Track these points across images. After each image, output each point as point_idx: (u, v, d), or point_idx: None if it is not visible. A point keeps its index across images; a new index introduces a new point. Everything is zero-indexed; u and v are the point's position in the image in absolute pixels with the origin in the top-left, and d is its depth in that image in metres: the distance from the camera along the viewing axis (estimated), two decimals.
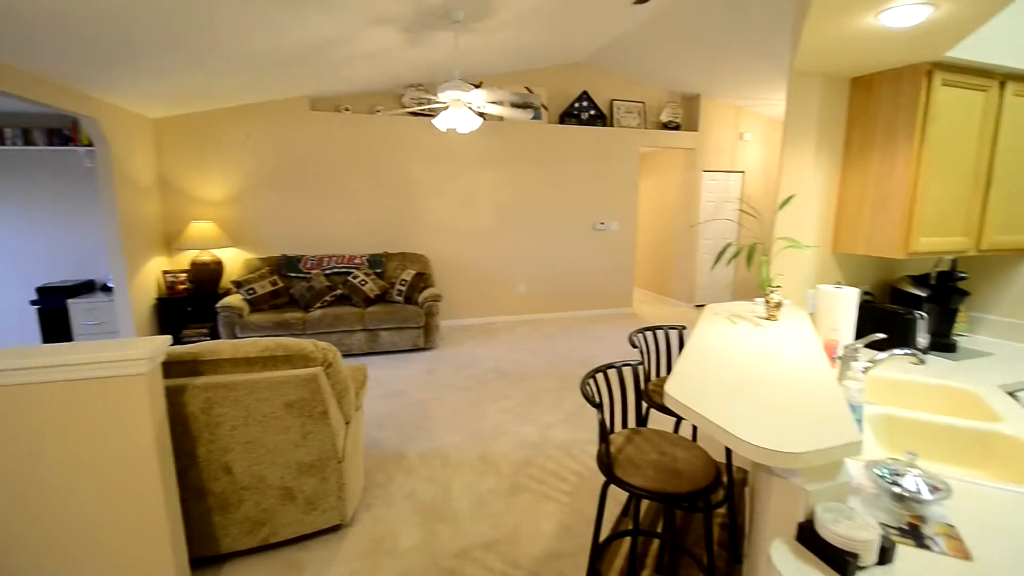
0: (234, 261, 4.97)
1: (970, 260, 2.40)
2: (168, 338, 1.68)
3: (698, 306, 6.87)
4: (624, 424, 1.85)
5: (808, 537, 0.93)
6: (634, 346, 2.13)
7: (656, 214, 7.41)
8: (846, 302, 1.83)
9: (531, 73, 5.85)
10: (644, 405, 2.58)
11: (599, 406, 1.55)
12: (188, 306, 4.59)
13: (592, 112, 6.10)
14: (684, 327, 2.35)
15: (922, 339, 1.99)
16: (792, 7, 3.47)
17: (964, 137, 1.99)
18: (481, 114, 5.49)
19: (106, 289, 4.68)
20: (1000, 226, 2.13)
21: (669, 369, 2.06)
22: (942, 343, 2.10)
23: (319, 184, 5.22)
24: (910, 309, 2.00)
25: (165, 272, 4.71)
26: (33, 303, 4.44)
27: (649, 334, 2.32)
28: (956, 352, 2.09)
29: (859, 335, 1.88)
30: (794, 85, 2.18)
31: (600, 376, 1.77)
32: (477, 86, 5.56)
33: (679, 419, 2.41)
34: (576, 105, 6.02)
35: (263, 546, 2.07)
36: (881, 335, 1.50)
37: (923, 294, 2.12)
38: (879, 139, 2.05)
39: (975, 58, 1.87)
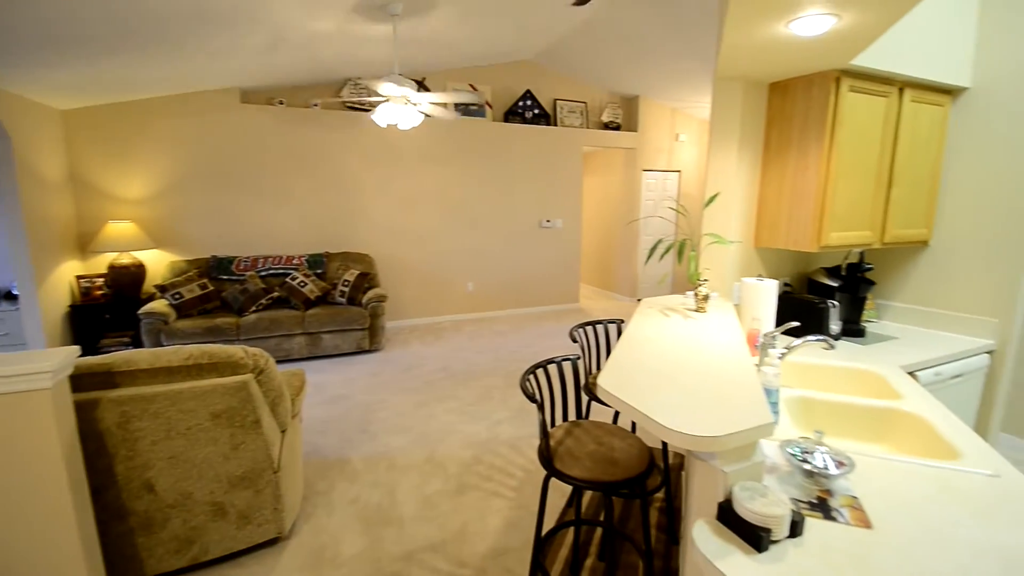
0: (158, 264, 4.64)
1: (875, 252, 2.63)
2: (76, 349, 1.55)
3: (640, 300, 7.11)
4: (565, 417, 1.89)
5: (727, 516, 0.98)
6: (574, 341, 2.18)
7: (600, 212, 7.59)
8: (767, 293, 1.95)
9: (475, 70, 5.83)
10: (585, 398, 2.65)
11: (538, 402, 1.57)
12: (106, 313, 4.24)
13: (536, 111, 6.17)
14: (622, 320, 2.42)
15: (835, 326, 2.15)
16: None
17: (868, 139, 2.17)
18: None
19: (11, 297, 4.25)
20: (900, 221, 2.34)
21: None
22: (852, 329, 2.29)
23: (252, 181, 4.96)
24: (824, 298, 2.16)
25: (79, 277, 4.33)
26: None
27: (589, 329, 2.38)
28: (865, 337, 2.28)
29: (780, 324, 2.01)
30: (718, 89, 2.29)
31: (540, 372, 1.80)
32: (420, 82, 5.49)
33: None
34: (520, 104, 6.06)
35: (193, 565, 1.95)
36: (795, 323, 1.61)
37: (835, 284, 2.30)
38: (794, 141, 2.20)
39: (877, 66, 2.04)
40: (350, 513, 2.33)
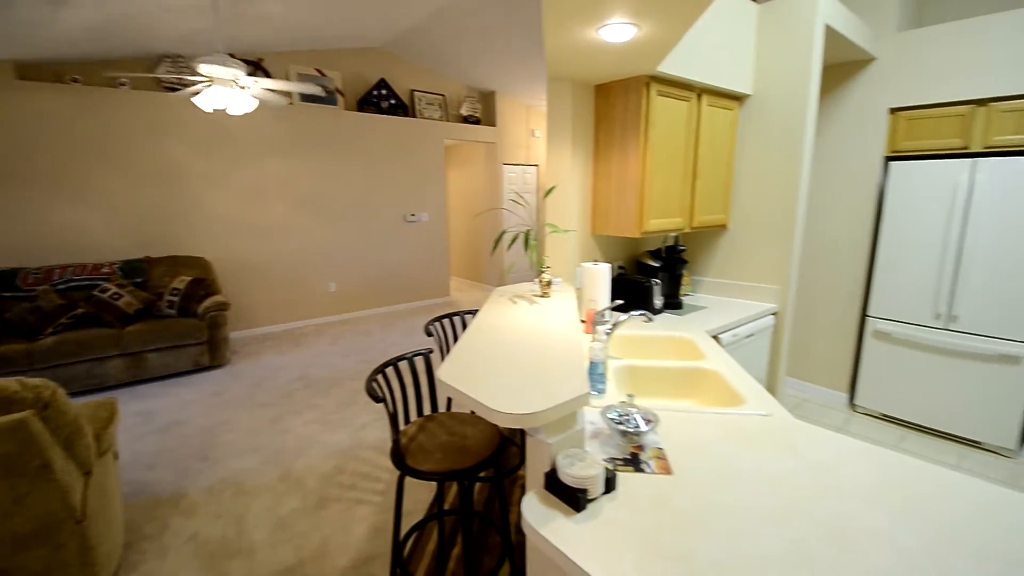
0: None
1: (687, 235, 3.05)
2: None
3: None
4: (420, 414, 1.88)
5: (552, 483, 1.06)
6: (429, 335, 2.17)
7: (465, 205, 7.67)
8: (601, 276, 2.14)
9: (323, 54, 5.46)
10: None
11: (384, 402, 1.54)
12: None
13: (392, 101, 5.98)
14: (477, 310, 2.47)
15: (658, 301, 2.45)
16: None
17: (675, 138, 2.49)
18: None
19: None
20: (704, 208, 2.73)
21: None
22: (672, 302, 2.63)
23: (39, 176, 4.05)
24: (649, 278, 2.45)
25: None
26: None
27: (446, 321, 2.39)
28: (682, 308, 2.64)
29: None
30: (551, 89, 2.44)
31: (392, 371, 1.76)
32: (257, 63, 4.99)
33: None
34: (375, 93, 5.83)
35: None
36: (620, 301, 1.80)
37: (657, 265, 2.61)
38: (617, 139, 2.44)
39: (680, 74, 2.34)
40: (187, 552, 2.06)
